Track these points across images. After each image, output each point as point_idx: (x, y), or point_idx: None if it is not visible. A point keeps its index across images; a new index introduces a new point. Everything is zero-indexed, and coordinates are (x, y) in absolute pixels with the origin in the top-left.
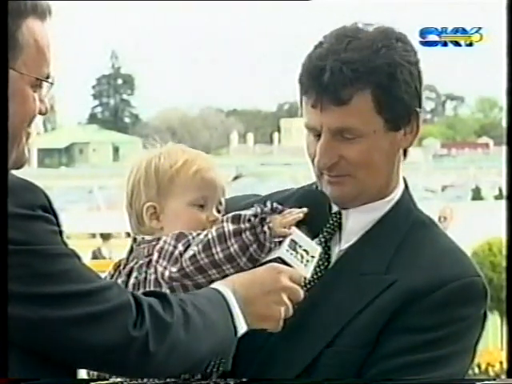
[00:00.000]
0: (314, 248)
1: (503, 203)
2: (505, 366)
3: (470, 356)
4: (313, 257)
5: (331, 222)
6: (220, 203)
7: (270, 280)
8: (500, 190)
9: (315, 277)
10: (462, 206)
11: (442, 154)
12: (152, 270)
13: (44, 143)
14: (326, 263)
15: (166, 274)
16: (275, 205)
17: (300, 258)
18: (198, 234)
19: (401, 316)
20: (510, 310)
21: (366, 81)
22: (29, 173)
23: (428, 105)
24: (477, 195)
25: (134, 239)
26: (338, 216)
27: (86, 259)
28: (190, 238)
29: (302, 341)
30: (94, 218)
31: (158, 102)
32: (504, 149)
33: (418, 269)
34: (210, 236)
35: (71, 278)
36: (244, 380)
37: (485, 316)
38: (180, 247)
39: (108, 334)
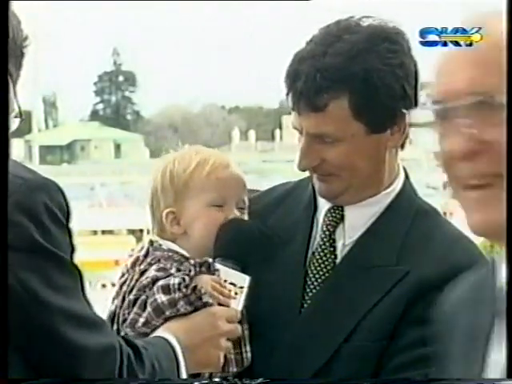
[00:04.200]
0: (242, 278)
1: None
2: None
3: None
4: (241, 287)
5: (334, 214)
6: (243, 201)
7: (208, 327)
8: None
9: (324, 271)
10: None
11: None
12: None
13: (45, 140)
14: (332, 257)
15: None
16: (202, 267)
17: (228, 292)
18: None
19: (415, 307)
20: (510, 309)
21: (340, 88)
22: None
23: (429, 101)
24: None
25: (151, 242)
26: (340, 208)
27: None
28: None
29: (318, 337)
30: (95, 215)
31: (159, 99)
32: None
33: (429, 258)
34: (146, 312)
35: (75, 297)
36: (261, 380)
37: None
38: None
39: (97, 370)
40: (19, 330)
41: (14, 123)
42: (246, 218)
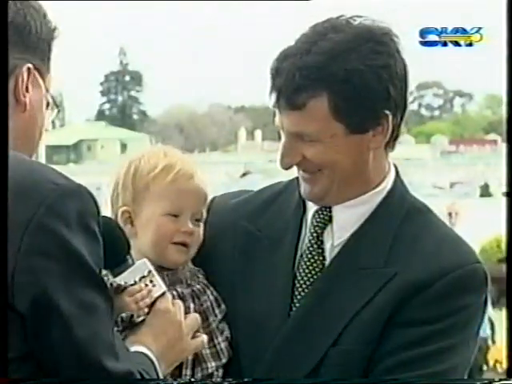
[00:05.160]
0: (142, 265)
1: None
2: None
3: (475, 343)
4: (149, 271)
5: (321, 216)
6: (200, 213)
7: (168, 325)
8: None
9: (313, 273)
10: (470, 203)
11: (450, 151)
12: None
13: (52, 140)
14: (320, 258)
15: None
16: (115, 284)
17: (144, 288)
18: None
19: (404, 309)
20: (510, 309)
21: (319, 88)
22: None
23: (436, 102)
24: (485, 192)
25: None
26: (328, 209)
27: None
28: None
29: (307, 341)
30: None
31: (165, 99)
32: (504, 146)
33: (418, 259)
34: None
35: (97, 316)
36: (246, 380)
37: (486, 302)
38: None
39: None
40: (35, 339)
41: (51, 115)
42: (201, 229)
